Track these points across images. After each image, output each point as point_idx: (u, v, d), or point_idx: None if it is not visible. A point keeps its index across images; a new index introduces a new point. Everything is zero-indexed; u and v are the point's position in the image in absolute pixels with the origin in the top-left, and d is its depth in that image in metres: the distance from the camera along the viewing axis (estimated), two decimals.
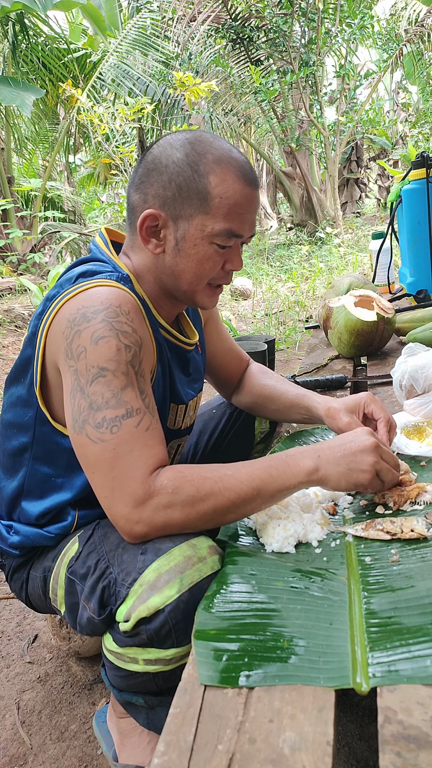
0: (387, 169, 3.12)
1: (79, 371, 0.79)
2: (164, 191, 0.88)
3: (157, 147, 0.92)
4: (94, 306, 0.81)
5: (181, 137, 0.91)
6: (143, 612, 0.72)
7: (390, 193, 2.43)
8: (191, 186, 0.87)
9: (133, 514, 0.75)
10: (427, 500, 0.90)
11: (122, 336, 0.80)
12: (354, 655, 0.60)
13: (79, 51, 8.09)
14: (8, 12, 6.73)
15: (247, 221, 0.91)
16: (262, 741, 0.52)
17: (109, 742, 1.01)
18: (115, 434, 0.76)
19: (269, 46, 8.33)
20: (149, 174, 0.90)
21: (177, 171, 0.88)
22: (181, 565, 0.73)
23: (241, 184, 0.88)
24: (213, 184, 0.87)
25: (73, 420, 0.80)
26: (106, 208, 9.61)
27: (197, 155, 0.88)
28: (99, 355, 0.78)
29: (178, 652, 0.74)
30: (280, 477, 0.81)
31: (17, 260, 6.93)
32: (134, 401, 0.79)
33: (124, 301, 0.83)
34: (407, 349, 1.29)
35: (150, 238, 0.91)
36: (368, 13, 8.06)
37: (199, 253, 0.90)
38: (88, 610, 0.81)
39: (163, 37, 8.39)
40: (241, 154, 0.92)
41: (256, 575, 0.76)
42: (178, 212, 0.89)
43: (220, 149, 0.89)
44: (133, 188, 0.93)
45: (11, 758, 1.08)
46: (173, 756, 0.52)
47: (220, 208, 0.88)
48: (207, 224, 0.88)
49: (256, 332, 4.18)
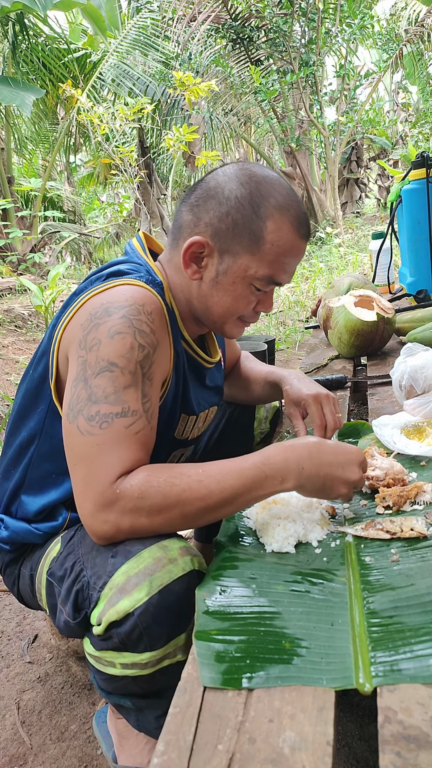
0: (387, 169, 3.12)
1: (88, 362, 0.79)
2: (219, 222, 0.88)
3: (222, 175, 0.91)
4: (118, 302, 0.81)
5: (248, 173, 0.90)
6: (113, 616, 0.71)
7: (390, 193, 2.43)
8: (247, 225, 0.87)
9: (101, 514, 0.74)
10: (426, 500, 0.90)
11: (139, 335, 0.80)
12: (356, 656, 0.60)
13: (79, 51, 8.09)
14: (8, 12, 6.72)
15: (290, 271, 0.92)
16: (262, 741, 0.52)
17: (109, 743, 1.01)
18: (104, 430, 0.76)
19: (269, 46, 8.33)
20: (207, 200, 0.90)
21: (237, 207, 0.87)
22: (150, 568, 0.72)
23: (295, 235, 0.89)
24: (269, 229, 0.87)
25: (69, 408, 0.79)
26: (106, 208, 9.61)
27: (261, 197, 0.87)
28: (112, 350, 0.78)
29: (152, 656, 0.73)
30: (255, 489, 0.77)
31: (17, 260, 6.93)
32: (134, 402, 0.78)
33: (149, 301, 0.83)
34: (406, 349, 1.29)
35: (191, 263, 0.91)
36: (368, 13, 8.06)
37: (236, 291, 0.91)
38: (64, 613, 0.81)
39: (163, 37, 8.39)
40: (301, 203, 0.92)
41: (256, 577, 0.76)
42: (227, 247, 0.88)
43: (283, 195, 0.89)
44: (186, 207, 0.93)
45: (11, 758, 1.08)
46: (173, 756, 0.52)
47: (269, 254, 0.88)
48: (251, 266, 0.88)
49: (256, 332, 4.18)
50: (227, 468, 0.78)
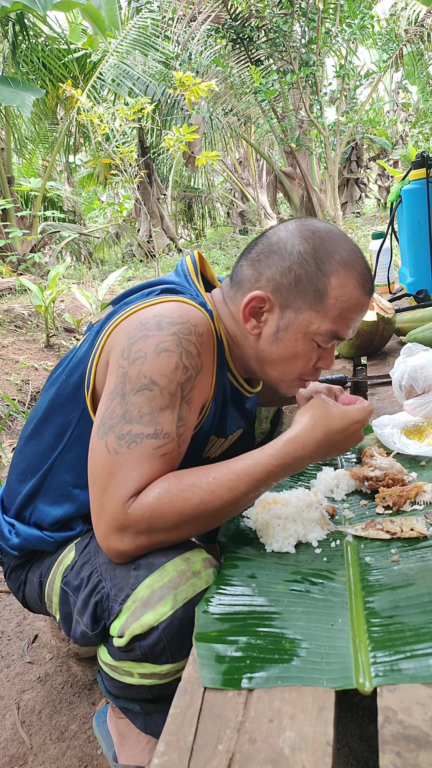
0: (387, 169, 3.12)
1: (129, 375, 0.77)
2: (281, 278, 0.87)
3: (284, 230, 0.90)
4: (171, 318, 0.80)
5: (311, 228, 0.89)
6: (137, 629, 0.71)
7: (390, 193, 2.43)
8: (311, 281, 0.86)
9: (116, 536, 0.74)
10: (426, 500, 0.90)
11: (185, 356, 0.79)
12: (356, 656, 0.60)
13: (79, 51, 8.09)
14: (8, 12, 6.72)
15: (352, 326, 0.90)
16: (262, 741, 0.52)
17: (109, 742, 1.01)
18: (131, 451, 0.75)
19: (269, 46, 8.33)
20: (270, 255, 0.89)
21: (300, 262, 0.86)
22: (174, 581, 0.72)
23: (359, 291, 0.87)
24: (333, 285, 0.86)
25: (101, 422, 0.78)
26: (105, 208, 9.60)
27: (326, 253, 0.86)
28: (155, 367, 0.77)
29: (173, 667, 0.73)
30: (266, 485, 0.79)
31: (17, 260, 6.93)
32: (168, 425, 0.77)
33: (201, 323, 0.83)
34: (406, 350, 1.29)
35: (251, 317, 0.89)
36: (368, 13, 8.06)
37: (297, 347, 0.89)
38: (81, 624, 0.80)
39: (163, 37, 8.39)
40: (366, 261, 0.91)
41: (257, 577, 0.76)
42: (289, 302, 0.87)
43: (349, 252, 0.88)
44: (247, 261, 0.92)
45: (11, 758, 1.08)
46: (173, 756, 0.52)
47: (332, 309, 0.86)
48: (314, 322, 0.87)
49: None
50: (236, 472, 0.77)
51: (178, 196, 11.17)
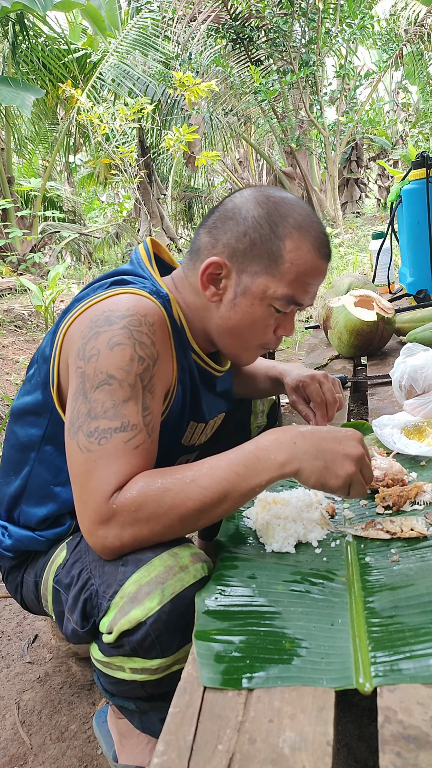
0: (387, 169, 3.12)
1: (87, 374, 0.77)
2: (236, 243, 0.87)
3: (239, 197, 0.91)
4: (120, 311, 0.80)
5: (267, 193, 0.89)
6: (125, 625, 0.71)
7: (390, 193, 2.43)
8: (265, 245, 0.86)
9: (100, 531, 0.73)
10: (426, 500, 0.90)
11: (139, 346, 0.79)
12: (356, 656, 0.60)
13: (79, 51, 8.09)
14: (8, 12, 6.72)
15: (311, 291, 0.90)
16: (262, 741, 0.52)
17: (109, 742, 1.01)
18: (102, 446, 0.74)
19: (269, 46, 8.34)
20: (225, 221, 0.89)
21: (254, 226, 0.87)
22: (161, 576, 0.71)
23: (314, 255, 0.88)
24: (288, 248, 0.86)
25: (70, 424, 0.78)
26: (105, 208, 9.61)
27: (279, 216, 0.87)
28: (111, 362, 0.77)
29: (163, 662, 0.73)
30: (249, 476, 0.74)
31: (17, 260, 6.93)
32: (133, 416, 0.77)
33: (152, 312, 0.82)
34: (405, 350, 1.29)
35: (210, 284, 0.90)
36: (368, 13, 8.07)
37: (255, 313, 0.89)
38: (72, 621, 0.80)
39: (163, 37, 8.39)
40: (322, 225, 0.91)
41: (257, 577, 0.76)
42: (245, 267, 0.87)
43: (303, 216, 0.88)
44: (204, 230, 0.92)
45: (11, 758, 1.08)
46: (173, 756, 0.52)
47: (288, 273, 0.87)
48: (270, 286, 0.87)
49: None
50: (218, 461, 0.76)
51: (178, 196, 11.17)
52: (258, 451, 0.76)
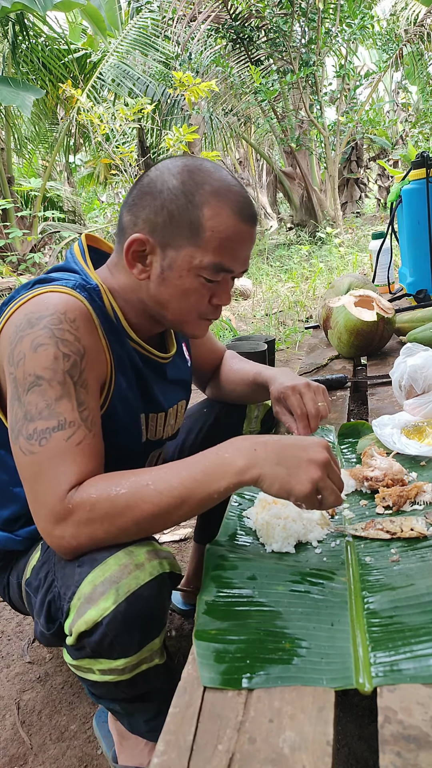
0: (387, 169, 3.12)
1: (18, 379, 0.77)
2: (155, 217, 0.85)
3: (154, 170, 0.89)
4: (40, 312, 0.79)
5: (180, 163, 0.88)
6: (82, 626, 0.70)
7: (390, 193, 2.43)
8: (183, 215, 0.84)
9: (57, 530, 0.72)
10: (426, 500, 0.90)
11: (62, 344, 0.78)
12: (356, 656, 0.60)
13: (79, 51, 8.09)
14: (8, 12, 6.73)
15: (239, 257, 0.88)
16: (262, 741, 0.52)
17: (109, 742, 1.01)
18: (43, 447, 0.74)
19: (269, 46, 8.34)
20: (143, 197, 0.88)
21: (171, 198, 0.85)
22: (116, 575, 0.70)
23: (236, 219, 0.85)
24: (206, 216, 0.84)
25: (10, 430, 0.78)
26: (106, 208, 9.59)
27: (194, 185, 0.85)
28: (36, 363, 0.76)
29: (128, 661, 0.72)
30: (207, 482, 0.73)
31: (17, 260, 6.93)
32: (68, 413, 0.76)
33: (72, 308, 0.81)
34: (405, 350, 1.29)
35: (136, 262, 0.88)
36: (368, 13, 8.06)
37: (184, 285, 0.87)
38: (39, 624, 0.80)
39: (163, 37, 8.38)
40: (242, 188, 0.89)
41: (257, 578, 0.76)
42: (168, 240, 0.86)
43: (220, 181, 0.86)
44: (125, 208, 0.91)
45: (11, 758, 1.08)
46: (173, 756, 0.52)
47: (211, 241, 0.84)
48: (195, 256, 0.85)
49: (256, 332, 4.18)
50: (177, 466, 0.75)
51: None
52: (218, 458, 0.75)
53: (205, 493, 0.73)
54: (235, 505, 0.98)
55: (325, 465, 0.75)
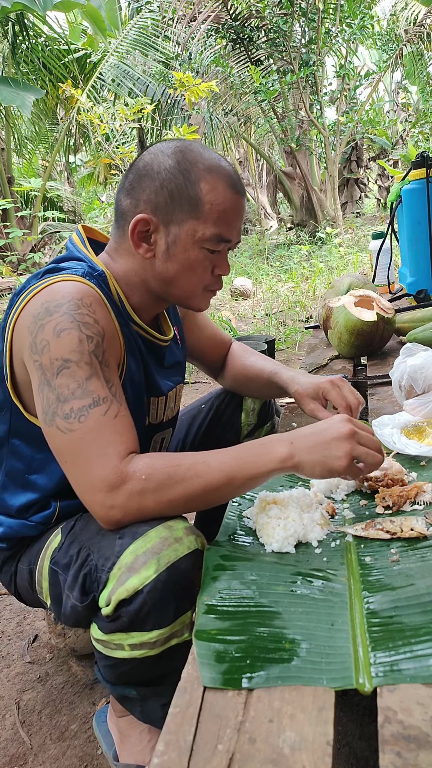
0: (387, 169, 3.12)
1: (44, 365, 0.81)
2: (156, 197, 0.91)
3: (147, 154, 0.95)
4: (57, 300, 0.83)
5: (172, 146, 0.94)
6: (122, 594, 0.73)
7: (390, 193, 2.43)
8: (183, 192, 0.90)
9: (108, 499, 0.76)
10: (426, 500, 0.90)
11: (84, 327, 0.82)
12: (356, 656, 0.60)
13: (79, 51, 8.09)
14: (8, 12, 6.73)
15: (235, 227, 0.95)
16: (262, 741, 0.52)
17: (109, 742, 1.01)
18: (83, 423, 0.78)
19: (269, 46, 8.33)
20: (141, 180, 0.92)
21: (169, 177, 0.90)
22: (157, 546, 0.74)
23: (230, 192, 0.92)
24: (204, 191, 0.90)
25: (43, 413, 0.81)
26: (106, 208, 9.61)
27: (189, 163, 0.91)
28: (62, 347, 0.80)
29: (161, 633, 0.76)
30: (253, 463, 0.80)
31: (17, 260, 6.93)
32: (100, 390, 0.80)
33: (86, 294, 0.85)
34: (405, 350, 1.29)
35: (141, 242, 0.93)
36: (368, 13, 8.06)
37: (190, 258, 0.93)
38: (72, 598, 0.82)
39: (163, 37, 8.39)
40: (230, 164, 0.95)
41: (256, 577, 0.76)
42: (170, 217, 0.91)
43: (210, 159, 0.92)
44: (123, 193, 0.95)
45: (11, 758, 1.08)
46: (173, 756, 0.52)
47: (210, 213, 0.91)
48: (198, 229, 0.91)
49: (256, 332, 4.18)
50: (224, 450, 0.82)
51: None
52: (261, 445, 0.83)
53: (251, 474, 0.80)
54: (235, 505, 0.98)
55: (352, 435, 0.82)
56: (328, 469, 0.81)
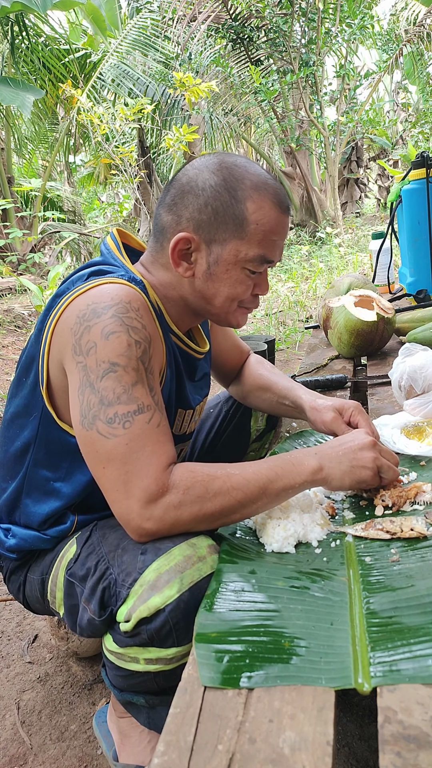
0: (387, 169, 3.11)
1: (89, 367, 0.79)
2: (200, 215, 0.88)
3: (192, 169, 0.91)
4: (105, 302, 0.81)
5: (217, 161, 0.91)
6: (144, 612, 0.72)
7: (390, 193, 2.43)
8: (228, 211, 0.87)
9: (146, 511, 0.74)
10: (426, 500, 0.90)
11: (132, 332, 0.80)
12: (355, 655, 0.60)
13: (79, 51, 8.09)
14: (8, 12, 6.72)
15: (279, 247, 0.92)
16: (262, 741, 0.52)
17: (109, 742, 1.01)
18: (128, 429, 0.76)
19: (269, 46, 8.33)
20: (184, 196, 0.90)
21: (214, 195, 0.88)
22: (181, 565, 0.73)
23: (276, 211, 0.89)
24: (250, 210, 0.88)
25: (81, 416, 0.79)
26: (106, 208, 9.60)
27: (235, 180, 0.88)
28: (110, 351, 0.78)
29: (179, 651, 0.74)
30: (286, 476, 0.81)
31: (17, 260, 6.93)
32: (145, 397, 0.79)
33: (134, 298, 0.83)
34: (404, 350, 1.29)
35: (181, 261, 0.91)
36: (368, 13, 8.06)
37: (232, 278, 0.91)
38: (89, 611, 0.81)
39: (163, 37, 8.39)
40: (276, 181, 0.92)
41: (256, 577, 0.76)
42: (213, 236, 0.89)
43: (257, 175, 0.90)
44: (164, 208, 0.93)
45: (11, 758, 1.08)
46: (173, 756, 0.52)
47: (255, 234, 0.88)
48: (241, 249, 0.89)
49: (256, 332, 4.18)
50: (257, 463, 0.83)
51: None
52: (291, 458, 0.84)
53: (283, 486, 0.81)
54: None
55: (374, 445, 0.87)
56: (356, 479, 0.85)
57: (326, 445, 0.88)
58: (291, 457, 0.85)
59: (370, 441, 0.87)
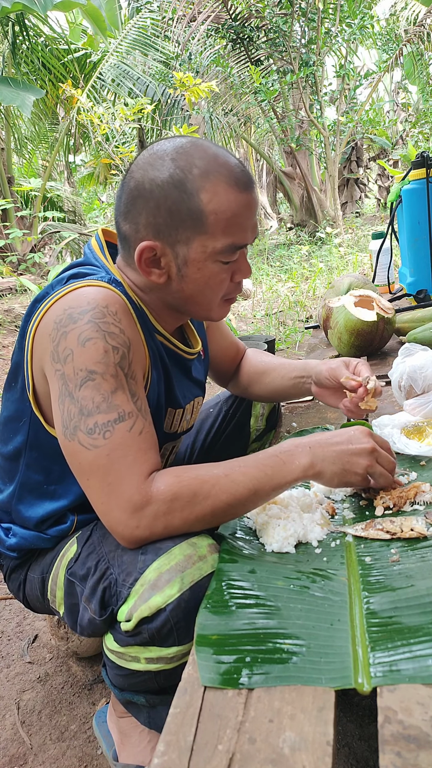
0: (387, 169, 3.12)
1: (67, 375, 0.77)
2: (155, 219, 0.83)
3: (137, 170, 0.85)
4: (81, 307, 0.79)
5: (161, 152, 0.83)
6: (145, 611, 0.72)
7: (390, 193, 2.43)
8: (182, 208, 0.81)
9: (132, 520, 0.74)
10: (426, 500, 0.90)
11: (109, 337, 0.78)
12: (355, 655, 0.60)
13: (79, 51, 8.09)
14: (8, 12, 6.72)
15: (248, 228, 0.86)
16: (262, 741, 0.52)
17: (109, 742, 1.01)
18: (108, 439, 0.75)
19: (269, 46, 8.33)
20: (135, 201, 0.84)
21: (164, 195, 0.81)
22: (181, 564, 0.73)
23: (234, 192, 0.82)
24: (205, 201, 0.81)
25: (63, 427, 0.78)
26: (106, 208, 9.60)
27: (182, 173, 0.81)
28: (86, 358, 0.76)
29: (179, 650, 0.75)
30: (276, 475, 0.80)
31: (17, 260, 6.93)
32: (125, 404, 0.77)
33: (112, 301, 0.81)
34: (404, 350, 1.29)
35: (151, 269, 0.86)
36: (368, 13, 8.05)
37: (206, 275, 0.87)
38: (89, 611, 0.81)
39: (163, 37, 8.38)
40: (230, 155, 0.85)
41: (256, 576, 0.76)
42: (175, 238, 0.83)
43: (205, 159, 0.82)
44: (121, 217, 0.88)
45: (11, 758, 1.08)
46: (173, 756, 0.52)
47: (217, 224, 0.82)
48: (208, 244, 0.83)
49: (256, 332, 4.18)
50: (246, 461, 0.81)
51: None
52: (282, 454, 0.82)
53: (274, 486, 0.80)
54: None
55: (372, 452, 0.85)
56: (345, 481, 0.85)
57: (323, 439, 0.85)
58: (281, 453, 0.82)
59: (369, 447, 0.85)
